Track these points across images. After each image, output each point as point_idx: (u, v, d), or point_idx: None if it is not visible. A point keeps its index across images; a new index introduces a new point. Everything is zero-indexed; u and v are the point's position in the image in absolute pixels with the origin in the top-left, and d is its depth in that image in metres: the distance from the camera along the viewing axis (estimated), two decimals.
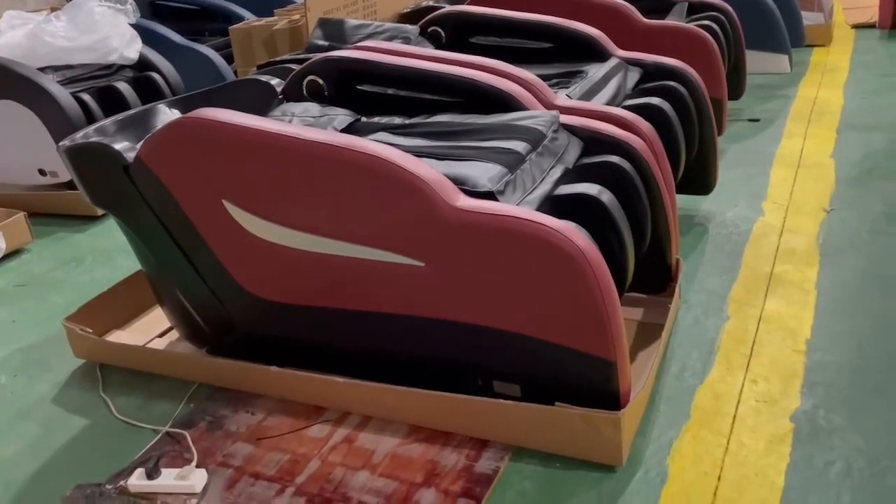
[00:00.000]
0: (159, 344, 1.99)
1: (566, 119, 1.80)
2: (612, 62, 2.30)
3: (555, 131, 1.73)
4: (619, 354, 1.39)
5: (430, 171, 1.42)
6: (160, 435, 1.69)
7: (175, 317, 1.88)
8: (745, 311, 1.90)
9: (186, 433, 1.67)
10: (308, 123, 1.85)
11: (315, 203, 1.51)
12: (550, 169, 1.65)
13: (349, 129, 1.82)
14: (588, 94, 2.06)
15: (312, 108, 1.93)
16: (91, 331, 1.94)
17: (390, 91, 1.92)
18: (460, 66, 1.95)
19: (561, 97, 1.98)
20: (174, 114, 2.01)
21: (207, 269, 1.70)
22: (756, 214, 2.40)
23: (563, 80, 2.20)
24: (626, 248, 1.58)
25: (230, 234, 1.61)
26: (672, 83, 2.23)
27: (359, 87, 1.95)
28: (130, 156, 1.65)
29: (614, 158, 1.71)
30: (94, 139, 1.71)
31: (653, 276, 1.90)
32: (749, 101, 3.46)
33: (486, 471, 1.48)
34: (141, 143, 1.65)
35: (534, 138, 1.66)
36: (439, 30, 2.52)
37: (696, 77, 2.29)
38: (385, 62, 1.91)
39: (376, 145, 1.44)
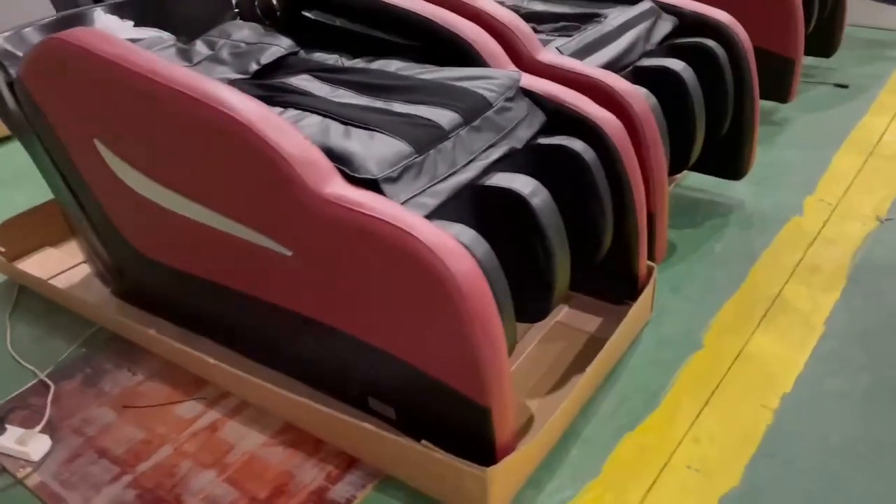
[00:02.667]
0: (77, 273, 1.85)
1: (534, 84, 1.46)
2: (643, 6, 1.89)
3: (508, 99, 1.40)
4: (495, 401, 1.12)
5: (298, 144, 1.15)
6: (34, 382, 1.57)
7: (82, 251, 1.72)
8: (724, 340, 1.56)
9: (52, 387, 1.53)
10: (237, 52, 1.59)
11: (179, 160, 1.27)
12: (487, 148, 1.33)
13: (275, 65, 1.55)
14: (587, 49, 1.69)
15: (252, 33, 1.66)
16: (3, 250, 1.81)
17: (338, 22, 1.61)
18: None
19: (547, 51, 1.63)
20: (109, 20, 1.79)
21: (91, 210, 1.51)
22: (792, 212, 1.99)
23: (570, 25, 1.83)
24: (555, 260, 1.27)
25: (104, 177, 1.40)
26: (707, 42, 1.81)
27: (304, 13, 1.65)
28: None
29: (572, 142, 1.38)
30: None
31: (615, 284, 1.58)
32: (845, 60, 2.90)
33: (338, 499, 1.27)
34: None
35: (472, 107, 1.34)
36: None
37: (741, 36, 1.86)
38: None
39: (243, 104, 1.17)
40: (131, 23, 1.86)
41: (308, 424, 1.37)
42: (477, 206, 1.28)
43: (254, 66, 1.52)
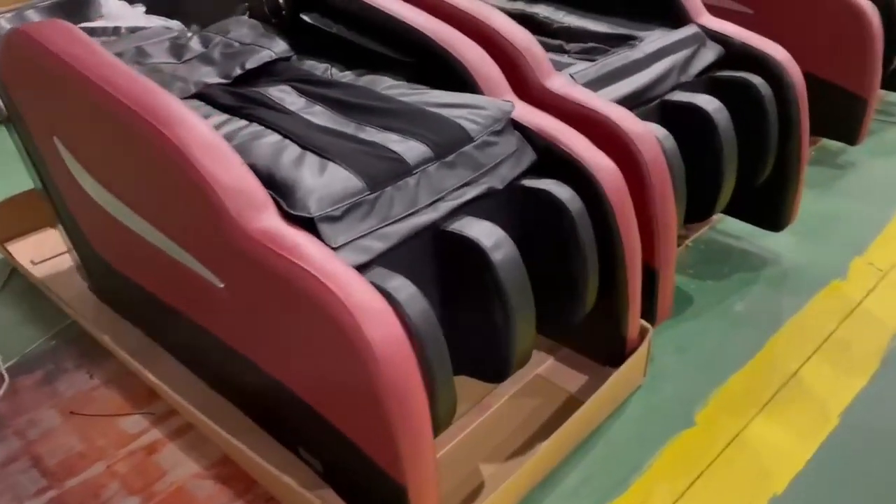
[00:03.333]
0: (67, 260, 1.82)
1: (529, 116, 1.32)
2: (686, 31, 1.70)
3: (494, 133, 1.26)
4: (412, 480, 1.00)
5: (233, 171, 1.05)
6: None
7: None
8: (721, 420, 1.39)
9: (6, 381, 1.50)
10: (228, 52, 1.50)
11: (123, 171, 1.20)
12: (462, 186, 1.20)
13: (261, 70, 1.45)
14: (607, 77, 1.52)
15: (251, 32, 1.58)
16: None
17: (334, 29, 1.50)
18: (442, 13, 1.49)
19: (559, 77, 1.47)
20: (116, 6, 1.74)
21: (59, 206, 1.46)
22: (834, 274, 1.77)
23: (598, 48, 1.66)
24: (513, 322, 1.14)
25: (64, 175, 1.35)
26: (750, 77, 1.62)
27: (302, 16, 1.54)
28: None
29: (558, 188, 1.23)
30: None
31: (601, 343, 1.43)
32: None
33: None
34: None
35: (447, 141, 1.21)
36: None
37: (793, 74, 1.65)
38: None
39: (183, 124, 1.07)
40: (142, 9, 1.80)
41: (241, 461, 1.29)
42: (435, 252, 1.16)
43: (237, 71, 1.43)
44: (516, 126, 1.31)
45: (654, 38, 1.66)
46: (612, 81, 1.52)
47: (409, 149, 1.18)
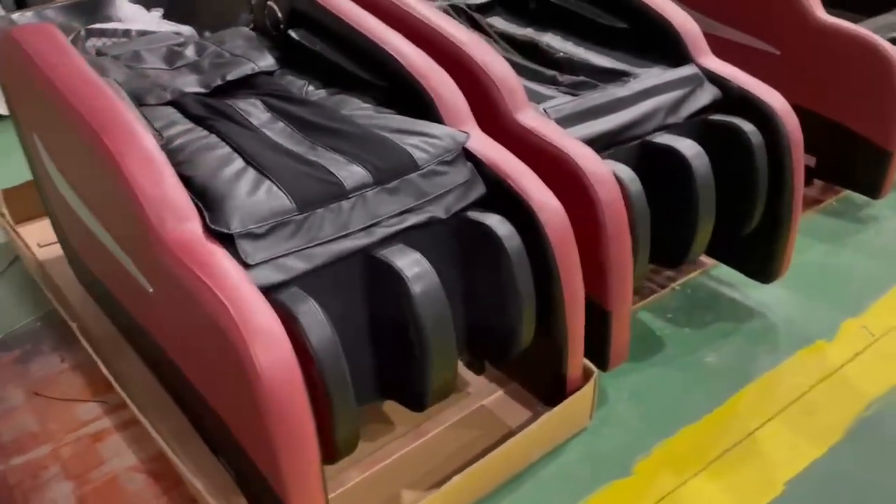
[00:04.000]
0: None
1: (484, 149, 1.32)
2: (683, 71, 1.66)
3: (444, 163, 1.27)
4: (295, 500, 1.02)
5: (162, 181, 1.09)
6: None
7: None
8: (659, 474, 1.35)
9: None
10: (217, 62, 1.55)
11: (80, 170, 1.26)
12: (402, 213, 1.21)
13: (241, 82, 1.49)
14: (585, 114, 1.50)
15: (244, 43, 1.63)
16: (4, 212, 1.90)
17: (318, 47, 1.53)
18: (424, 39, 1.51)
19: (531, 111, 1.46)
20: (130, 9, 1.82)
21: (44, 195, 1.54)
22: (822, 333, 1.69)
23: (588, 83, 1.64)
24: (430, 356, 1.14)
25: (43, 169, 1.42)
26: (741, 123, 1.57)
27: (290, 32, 1.58)
28: None
29: (498, 224, 1.23)
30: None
31: (543, 381, 1.41)
32: None
33: None
34: None
35: (391, 167, 1.22)
36: None
37: (788, 122, 1.59)
38: (324, 2, 1.52)
39: (124, 136, 1.12)
40: (158, 13, 1.88)
41: (170, 460, 1.33)
42: (362, 276, 1.17)
43: (217, 81, 1.48)
44: (471, 158, 1.31)
45: (648, 76, 1.63)
46: (588, 118, 1.50)
47: (351, 173, 1.19)
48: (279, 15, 1.67)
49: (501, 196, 1.28)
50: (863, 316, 1.75)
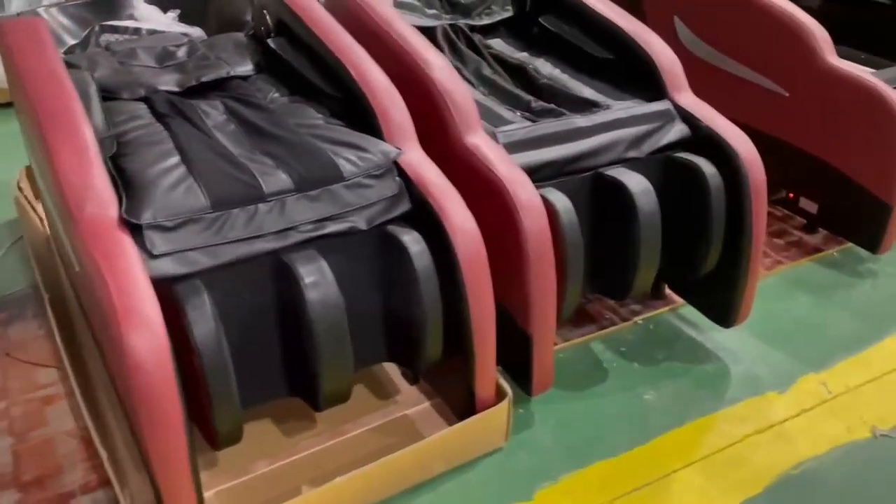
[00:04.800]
0: None
1: (416, 168, 1.36)
2: (656, 106, 1.66)
3: (371, 176, 1.32)
4: (164, 483, 1.09)
5: (88, 171, 1.18)
6: None
7: None
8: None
9: None
10: (201, 64, 1.66)
11: (37, 157, 1.37)
12: (321, 220, 1.27)
13: (215, 84, 1.59)
14: (536, 142, 1.52)
15: (233, 48, 1.72)
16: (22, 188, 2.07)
17: (288, 57, 1.61)
18: (391, 56, 1.57)
19: (481, 135, 1.50)
20: (146, 9, 1.95)
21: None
22: (776, 385, 1.64)
23: (556, 110, 1.64)
24: (322, 364, 1.20)
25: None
26: (698, 163, 1.55)
27: (268, 41, 1.67)
28: None
29: (412, 242, 1.27)
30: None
31: (457, 397, 1.44)
32: None
33: None
34: None
35: (316, 176, 1.28)
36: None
37: (750, 165, 1.55)
38: (300, 13, 1.60)
39: (68, 124, 1.23)
40: (174, 14, 2.01)
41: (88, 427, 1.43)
42: (270, 278, 1.24)
43: (192, 82, 1.58)
44: (403, 174, 1.36)
45: (618, 109, 1.64)
46: (540, 146, 1.52)
47: (275, 178, 1.26)
48: (269, 23, 1.76)
49: (424, 214, 1.32)
50: (825, 372, 1.69)
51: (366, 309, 1.32)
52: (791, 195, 2.24)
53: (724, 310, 1.70)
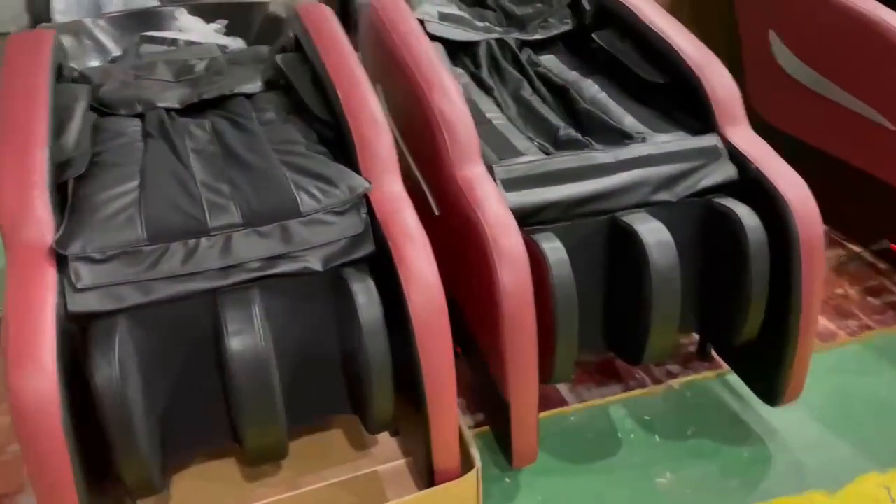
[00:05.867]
0: None
1: (387, 206, 1.22)
2: (701, 142, 1.43)
3: (335, 212, 1.20)
4: None
5: (25, 196, 1.13)
6: None
7: None
8: None
9: None
10: (208, 80, 1.60)
11: None
12: (271, 258, 1.16)
13: (217, 101, 1.51)
14: (542, 178, 1.33)
15: (245, 63, 1.66)
16: None
17: (290, 75, 1.51)
18: (403, 75, 1.45)
19: (476, 169, 1.33)
20: (188, 21, 1.93)
21: None
22: (822, 483, 1.36)
23: (580, 141, 1.45)
24: (244, 416, 1.09)
25: None
26: (738, 212, 1.31)
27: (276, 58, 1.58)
28: None
29: (364, 294, 1.15)
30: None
31: (421, 462, 1.29)
32: None
33: None
34: None
35: (268, 210, 1.17)
36: None
37: (804, 218, 1.30)
38: (309, 29, 1.51)
39: (17, 143, 1.19)
40: (218, 25, 1.97)
41: None
42: (205, 320, 1.14)
43: (193, 99, 1.51)
44: (373, 212, 1.23)
45: (653, 142, 1.43)
46: (544, 184, 1.33)
47: (224, 211, 1.17)
48: (291, 39, 1.68)
49: (384, 258, 1.18)
50: (893, 473, 1.39)
51: (318, 356, 1.21)
52: (894, 246, 1.90)
53: (769, 385, 1.43)
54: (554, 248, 1.25)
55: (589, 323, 1.36)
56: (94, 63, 1.72)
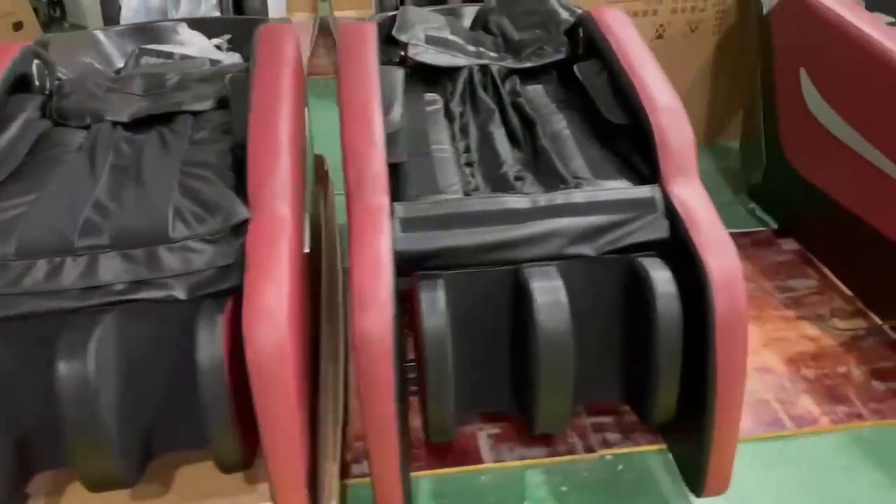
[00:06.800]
0: None
1: (257, 241, 1.18)
2: (639, 193, 1.30)
3: (206, 241, 1.17)
4: None
5: None
6: None
7: None
8: None
9: None
10: (169, 96, 1.62)
11: None
12: (136, 283, 1.15)
13: (162, 118, 1.53)
14: (442, 221, 1.25)
15: (207, 81, 1.66)
16: None
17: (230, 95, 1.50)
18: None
19: (374, 205, 1.26)
20: (189, 35, 1.97)
21: None
22: None
23: (509, 183, 1.36)
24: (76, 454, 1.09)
25: None
26: (654, 274, 1.18)
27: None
28: None
29: (204, 328, 1.11)
30: None
31: None
32: None
33: None
34: None
35: (139, 234, 1.16)
36: None
37: (725, 293, 1.14)
38: (256, 47, 1.50)
39: None
40: (219, 40, 2.00)
41: None
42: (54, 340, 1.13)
43: (141, 114, 1.52)
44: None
45: (585, 190, 1.31)
46: (445, 227, 1.24)
47: (96, 231, 1.17)
48: None
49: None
50: None
51: (173, 387, 1.18)
52: None
53: (692, 471, 1.28)
54: (429, 297, 1.17)
55: (487, 379, 1.27)
56: (106, 70, 1.80)
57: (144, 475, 1.20)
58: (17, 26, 3.48)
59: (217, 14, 2.23)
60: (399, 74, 1.58)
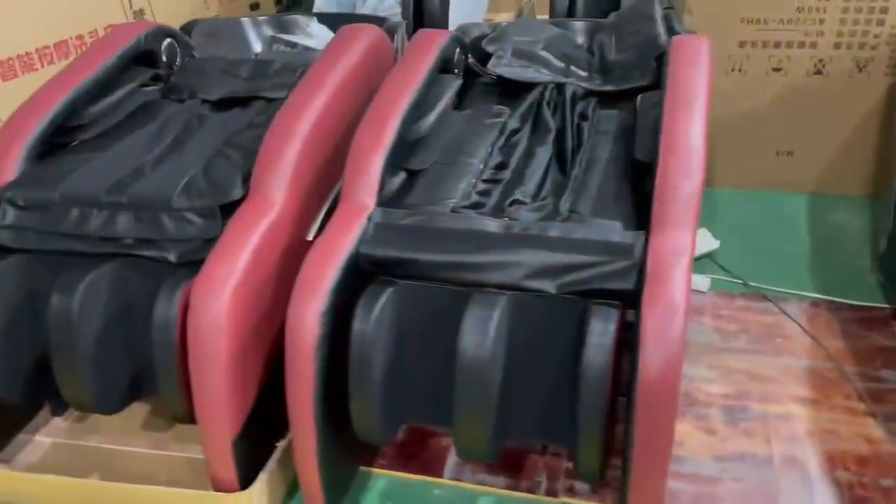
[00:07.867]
0: None
1: (245, 228, 1.30)
2: (618, 237, 1.22)
3: (200, 214, 1.31)
4: None
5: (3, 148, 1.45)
6: None
7: None
8: None
9: None
10: (259, 82, 1.79)
11: None
12: (138, 241, 1.32)
13: (242, 101, 1.70)
14: (417, 233, 1.26)
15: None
16: None
17: None
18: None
19: (356, 205, 1.32)
20: (316, 27, 2.14)
21: None
22: None
23: (505, 209, 1.34)
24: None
25: None
26: (594, 330, 1.11)
27: None
28: None
29: (163, 302, 1.26)
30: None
31: None
32: None
33: None
34: None
35: (151, 198, 1.33)
36: None
37: (647, 360, 1.04)
38: None
39: None
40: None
41: None
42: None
43: (225, 95, 1.71)
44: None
45: (567, 225, 1.27)
46: (416, 238, 1.26)
47: (121, 190, 1.36)
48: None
49: None
50: None
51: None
52: None
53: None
54: (368, 302, 1.21)
55: (427, 394, 1.27)
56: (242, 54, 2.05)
57: None
58: (254, 7, 3.95)
59: (398, 11, 2.36)
60: (451, 84, 1.62)
